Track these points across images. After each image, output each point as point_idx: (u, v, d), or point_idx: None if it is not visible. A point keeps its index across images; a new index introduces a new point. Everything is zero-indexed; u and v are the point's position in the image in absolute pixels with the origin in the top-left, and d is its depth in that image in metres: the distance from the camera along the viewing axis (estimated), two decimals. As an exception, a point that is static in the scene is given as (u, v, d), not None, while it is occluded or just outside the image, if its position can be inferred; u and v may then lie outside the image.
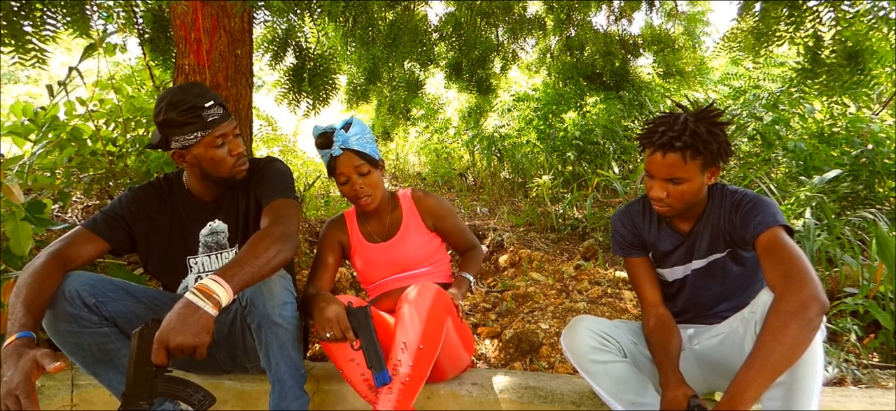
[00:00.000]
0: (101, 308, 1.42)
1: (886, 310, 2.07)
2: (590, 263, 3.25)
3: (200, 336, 1.17)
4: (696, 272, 1.55)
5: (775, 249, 1.28)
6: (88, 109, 2.93)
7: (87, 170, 2.82)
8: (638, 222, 1.61)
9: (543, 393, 1.70)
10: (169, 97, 1.50)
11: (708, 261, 1.53)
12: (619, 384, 1.44)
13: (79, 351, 1.42)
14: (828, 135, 3.87)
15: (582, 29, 5.60)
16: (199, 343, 1.17)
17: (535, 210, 4.46)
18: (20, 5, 2.53)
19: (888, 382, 1.91)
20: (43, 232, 2.21)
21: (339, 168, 1.72)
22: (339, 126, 1.73)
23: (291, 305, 1.48)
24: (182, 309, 1.17)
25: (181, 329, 1.15)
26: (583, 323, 1.51)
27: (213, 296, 1.19)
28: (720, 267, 1.51)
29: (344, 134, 1.71)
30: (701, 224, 1.51)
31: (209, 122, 1.49)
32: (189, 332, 1.15)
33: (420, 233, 1.87)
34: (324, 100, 3.90)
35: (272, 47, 3.79)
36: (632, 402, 1.42)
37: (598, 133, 5.29)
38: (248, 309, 1.44)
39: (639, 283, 1.61)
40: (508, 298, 2.80)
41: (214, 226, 1.65)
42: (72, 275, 1.41)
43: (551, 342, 2.28)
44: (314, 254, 1.94)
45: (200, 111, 1.48)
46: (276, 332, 1.43)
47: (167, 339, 1.15)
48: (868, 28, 2.75)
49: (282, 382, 1.46)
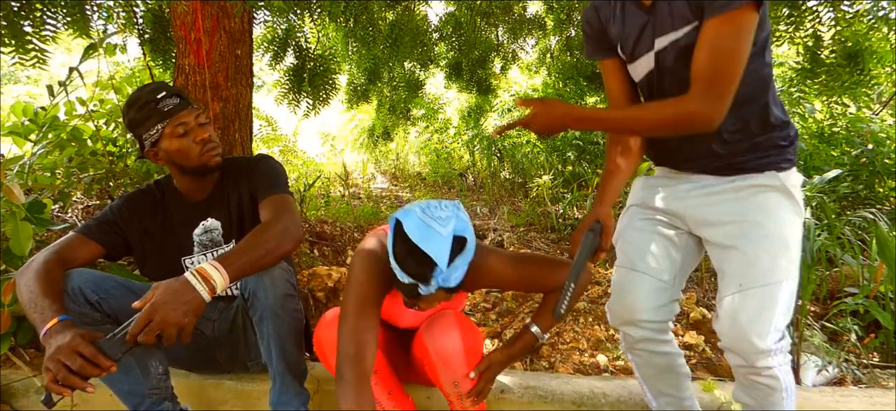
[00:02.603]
0: (103, 304, 1.42)
1: (886, 310, 2.07)
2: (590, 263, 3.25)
3: (188, 316, 1.16)
4: (661, 58, 1.26)
5: (719, 38, 1.10)
6: (89, 109, 2.93)
7: (88, 170, 2.81)
8: (603, 12, 1.38)
9: (543, 392, 1.70)
10: (128, 99, 1.54)
11: (673, 37, 1.21)
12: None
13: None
14: (828, 135, 3.87)
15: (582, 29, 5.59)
16: (185, 323, 1.16)
17: (536, 210, 4.46)
18: (20, 5, 2.53)
19: (888, 382, 1.91)
20: (43, 232, 2.21)
21: (425, 301, 1.29)
22: (444, 252, 1.18)
23: (294, 298, 1.49)
24: (177, 286, 1.17)
25: (173, 305, 1.14)
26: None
27: (210, 280, 1.20)
28: (690, 49, 1.16)
29: (446, 272, 1.20)
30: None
31: (166, 112, 1.50)
32: (178, 310, 1.15)
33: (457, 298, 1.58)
34: (324, 100, 3.91)
35: (272, 47, 3.79)
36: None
37: (598, 133, 5.28)
38: (251, 302, 1.45)
39: (607, 89, 1.44)
40: (508, 298, 2.80)
41: (207, 224, 1.64)
42: (74, 272, 1.42)
43: (551, 342, 2.28)
44: (314, 254, 1.92)
45: (155, 104, 1.49)
46: (278, 325, 1.44)
47: (153, 312, 1.13)
48: (868, 28, 2.75)
49: (283, 376, 1.47)
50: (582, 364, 2.14)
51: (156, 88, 1.52)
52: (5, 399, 1.77)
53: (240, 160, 1.71)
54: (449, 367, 1.44)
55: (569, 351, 2.22)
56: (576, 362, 2.15)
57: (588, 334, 2.34)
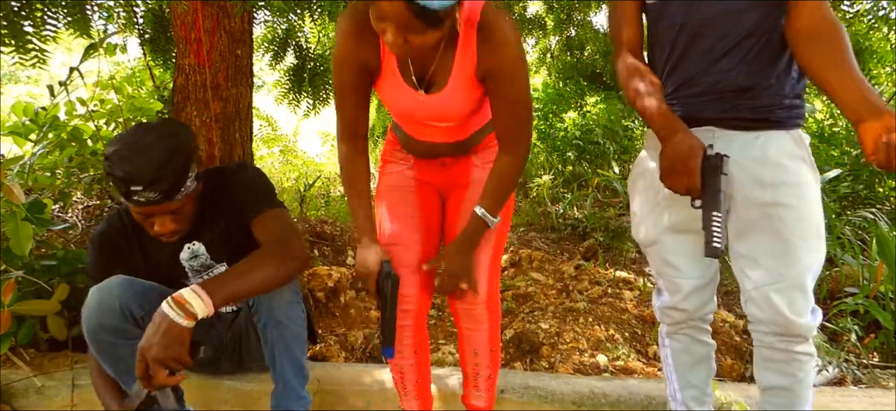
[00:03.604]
0: (146, 320, 1.31)
1: (887, 310, 2.07)
2: (590, 263, 3.25)
3: (173, 348, 1.12)
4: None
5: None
6: (89, 109, 2.93)
7: (88, 170, 2.81)
8: None
9: (544, 392, 1.70)
10: (111, 147, 1.31)
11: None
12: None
13: (114, 360, 1.39)
14: (828, 135, 3.87)
15: (582, 29, 5.60)
16: (175, 355, 1.12)
17: (536, 209, 4.45)
18: (20, 5, 2.53)
19: (888, 382, 1.91)
20: (43, 232, 2.21)
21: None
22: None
23: (298, 306, 1.49)
24: (158, 321, 1.14)
25: (157, 342, 1.11)
26: None
27: (187, 306, 1.14)
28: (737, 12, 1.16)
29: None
30: None
31: (135, 201, 1.29)
32: (162, 346, 1.11)
33: (469, 87, 1.27)
34: (324, 100, 3.91)
35: (272, 47, 3.79)
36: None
37: (598, 133, 5.28)
38: (255, 309, 1.45)
39: (620, 25, 1.32)
40: (509, 298, 2.80)
41: (194, 248, 1.51)
42: (117, 283, 1.37)
43: (551, 342, 2.28)
44: (314, 253, 1.92)
45: (126, 191, 1.27)
46: (282, 332, 1.44)
47: (143, 356, 1.12)
48: (868, 28, 2.75)
49: (285, 381, 1.47)
50: (582, 364, 2.14)
51: (134, 176, 1.25)
52: (5, 399, 1.77)
53: (220, 172, 1.53)
54: (475, 330, 1.48)
55: (569, 351, 2.22)
56: (576, 362, 2.15)
57: (588, 334, 2.34)
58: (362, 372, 1.92)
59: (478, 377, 1.52)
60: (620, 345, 2.26)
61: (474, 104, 1.32)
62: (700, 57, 1.22)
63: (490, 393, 1.55)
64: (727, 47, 1.19)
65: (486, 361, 1.50)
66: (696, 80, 1.23)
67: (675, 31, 1.24)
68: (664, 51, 1.28)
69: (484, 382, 1.53)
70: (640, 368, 2.11)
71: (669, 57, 1.27)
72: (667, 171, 1.19)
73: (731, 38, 1.19)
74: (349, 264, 3.31)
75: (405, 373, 1.48)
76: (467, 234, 1.33)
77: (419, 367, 1.49)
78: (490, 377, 1.53)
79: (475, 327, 1.46)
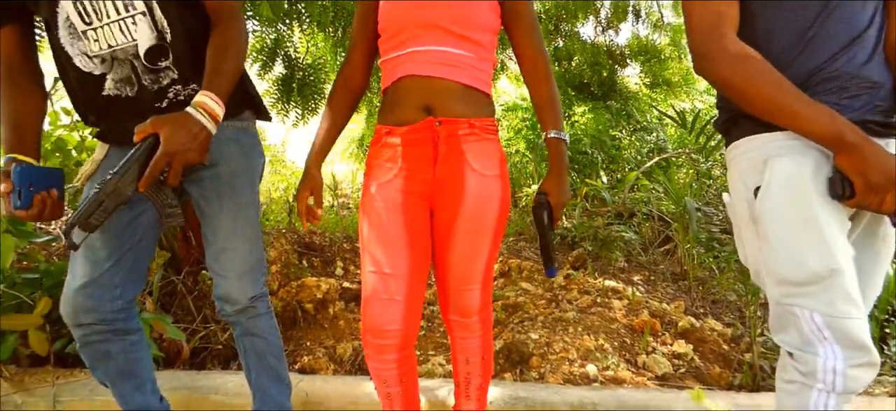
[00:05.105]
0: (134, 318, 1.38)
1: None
2: (579, 272, 3.26)
3: (204, 152, 1.20)
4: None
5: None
6: (73, 119, 2.90)
7: (72, 181, 2.78)
8: None
9: (533, 403, 1.70)
10: None
11: None
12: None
13: (105, 360, 1.35)
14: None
15: (570, 39, 5.65)
16: (204, 157, 1.20)
17: (525, 219, 4.47)
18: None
19: (874, 389, 1.93)
20: (25, 244, 2.17)
21: None
22: None
23: (269, 317, 1.49)
24: (195, 131, 1.17)
25: (195, 147, 1.17)
26: None
27: (213, 113, 1.20)
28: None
29: None
30: None
31: None
32: (198, 151, 1.18)
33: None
34: (313, 110, 3.90)
35: (261, 57, 3.78)
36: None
37: (586, 142, 5.32)
38: (224, 311, 1.43)
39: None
40: (498, 308, 2.80)
41: None
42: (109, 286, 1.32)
43: (541, 352, 2.28)
44: (303, 265, 1.91)
45: None
46: (255, 343, 1.46)
47: (181, 158, 1.15)
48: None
49: (263, 391, 1.48)
50: (571, 374, 2.14)
51: None
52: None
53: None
54: (469, 343, 1.52)
55: (558, 361, 2.22)
56: (565, 372, 2.15)
57: (577, 344, 2.34)
58: (351, 384, 1.90)
59: (469, 385, 1.53)
60: (610, 355, 2.26)
61: (485, 17, 1.32)
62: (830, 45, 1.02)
63: (481, 402, 1.55)
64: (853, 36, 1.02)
65: (477, 370, 1.52)
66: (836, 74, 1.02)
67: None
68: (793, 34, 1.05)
69: (475, 391, 1.54)
70: (630, 378, 2.11)
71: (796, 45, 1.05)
72: (875, 188, 0.95)
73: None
74: (337, 275, 3.29)
75: (393, 399, 1.46)
76: (556, 160, 1.38)
77: (406, 394, 1.47)
78: (481, 386, 1.54)
79: (467, 335, 1.48)
